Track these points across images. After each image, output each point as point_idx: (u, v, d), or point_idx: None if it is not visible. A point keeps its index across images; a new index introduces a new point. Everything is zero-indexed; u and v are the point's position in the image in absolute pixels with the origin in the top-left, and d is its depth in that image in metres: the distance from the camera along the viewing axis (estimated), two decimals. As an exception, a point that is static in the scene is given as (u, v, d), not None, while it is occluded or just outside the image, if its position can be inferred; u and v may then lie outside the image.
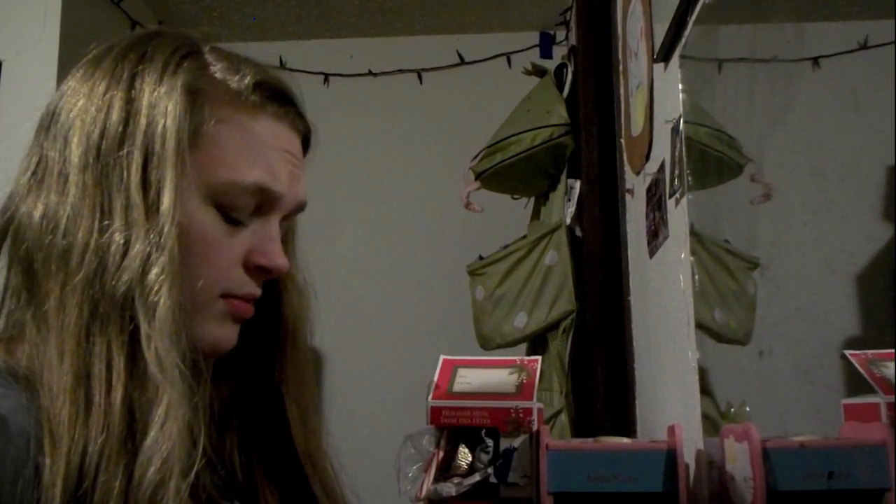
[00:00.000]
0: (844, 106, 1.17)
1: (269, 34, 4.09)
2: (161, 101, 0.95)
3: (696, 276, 1.53)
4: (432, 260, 3.84)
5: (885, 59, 1.03)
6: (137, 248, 0.89)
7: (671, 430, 1.30)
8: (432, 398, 1.51)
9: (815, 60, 1.21)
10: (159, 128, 0.93)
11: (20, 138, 3.01)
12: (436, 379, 1.56)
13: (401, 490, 1.51)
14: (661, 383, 1.89)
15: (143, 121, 0.94)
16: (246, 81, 1.02)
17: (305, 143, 1.13)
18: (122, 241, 0.90)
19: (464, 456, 1.48)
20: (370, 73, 4.08)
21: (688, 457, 1.30)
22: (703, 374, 1.52)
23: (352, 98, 4.04)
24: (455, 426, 1.50)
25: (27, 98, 3.09)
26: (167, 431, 0.85)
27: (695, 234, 1.56)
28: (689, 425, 1.49)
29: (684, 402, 1.63)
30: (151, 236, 0.90)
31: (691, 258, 1.56)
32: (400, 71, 4.08)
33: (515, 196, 3.22)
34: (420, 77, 4.08)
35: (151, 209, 0.91)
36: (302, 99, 1.10)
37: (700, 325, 1.53)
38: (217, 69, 1.02)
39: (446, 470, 1.48)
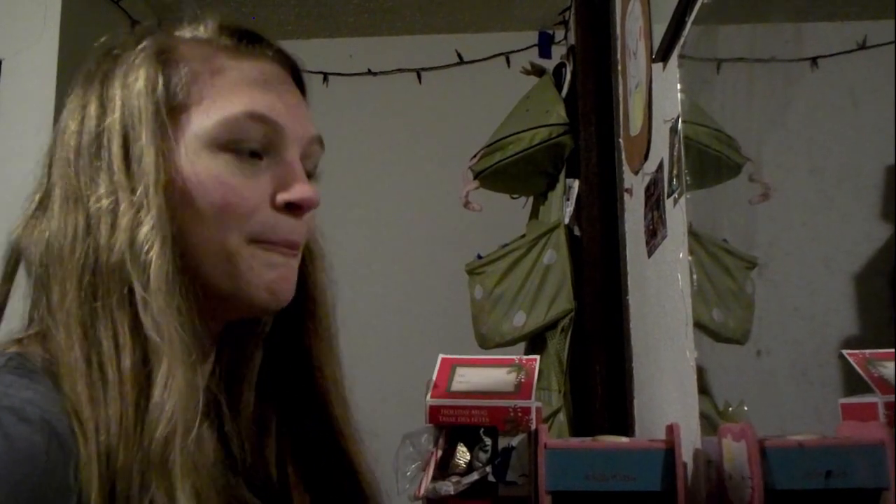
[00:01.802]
0: (843, 106, 1.17)
1: (269, 33, 4.08)
2: (132, 71, 0.96)
3: (695, 276, 1.53)
4: (431, 259, 3.84)
5: (884, 60, 1.03)
6: (123, 209, 0.90)
7: (669, 429, 1.31)
8: (431, 397, 1.51)
9: (814, 60, 1.21)
10: (133, 97, 0.94)
11: (20, 137, 3.02)
12: (434, 378, 1.56)
13: (399, 489, 1.52)
14: (660, 382, 1.89)
15: (117, 101, 0.95)
16: (211, 27, 1.04)
17: (298, 79, 1.12)
18: (109, 211, 0.90)
19: (462, 455, 1.49)
20: (369, 72, 4.08)
21: (686, 456, 1.31)
22: (701, 373, 1.52)
23: (351, 97, 4.04)
24: (454, 425, 1.50)
25: (27, 97, 3.09)
26: (169, 390, 0.86)
27: (693, 234, 1.56)
28: (687, 424, 1.49)
29: (682, 402, 1.63)
30: (135, 197, 0.90)
31: (689, 258, 1.56)
32: (399, 70, 4.07)
33: (514, 195, 3.22)
34: (419, 76, 4.08)
35: (133, 172, 0.92)
36: (273, 36, 1.10)
37: (698, 325, 1.53)
38: (183, 30, 1.04)
39: (445, 469, 1.49)
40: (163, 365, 0.86)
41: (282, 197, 1.00)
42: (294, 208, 1.01)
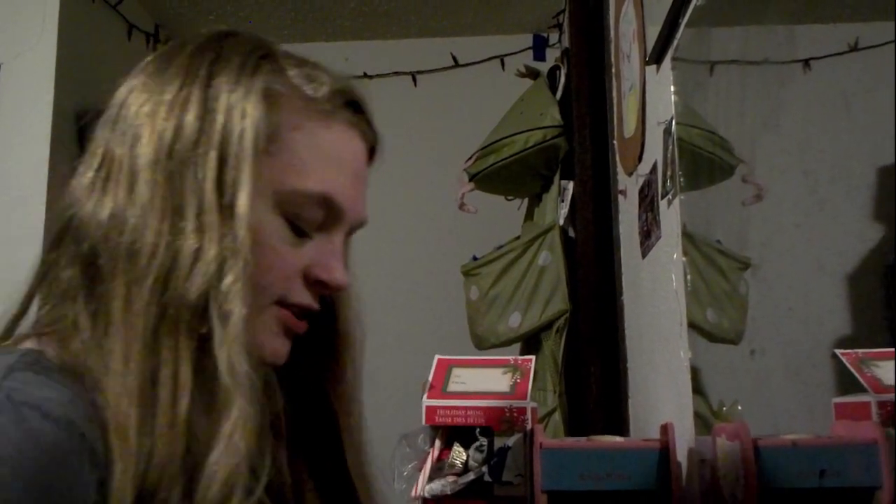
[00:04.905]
0: (835, 107, 1.17)
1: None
2: (239, 103, 0.92)
3: (689, 277, 1.53)
4: (427, 260, 3.84)
5: (876, 61, 1.04)
6: (212, 253, 0.87)
7: (664, 428, 1.31)
8: (427, 398, 1.51)
9: (806, 62, 1.22)
10: (237, 129, 0.91)
11: (18, 140, 3.02)
12: (430, 378, 1.56)
13: (396, 489, 1.52)
14: (654, 382, 1.90)
15: (219, 121, 0.91)
16: (323, 90, 1.00)
17: (370, 154, 1.12)
18: (195, 245, 0.87)
19: (458, 455, 1.49)
20: (365, 75, 4.07)
21: (680, 455, 1.31)
22: (695, 373, 1.52)
23: (346, 100, 4.03)
24: (450, 425, 1.50)
25: (25, 101, 3.09)
26: (234, 445, 0.83)
27: (687, 235, 1.56)
28: (681, 424, 1.49)
29: (677, 401, 1.63)
30: (226, 241, 0.88)
31: (683, 258, 1.57)
32: (395, 73, 4.07)
33: (509, 197, 3.22)
34: (414, 79, 4.08)
35: (226, 213, 0.89)
36: (371, 107, 1.08)
37: (692, 325, 1.53)
38: (293, 74, 0.99)
39: (441, 469, 1.49)
40: (231, 416, 0.84)
41: (317, 275, 0.99)
42: (322, 286, 1.01)
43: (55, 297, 0.92)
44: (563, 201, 2.74)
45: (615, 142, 2.38)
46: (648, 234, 1.89)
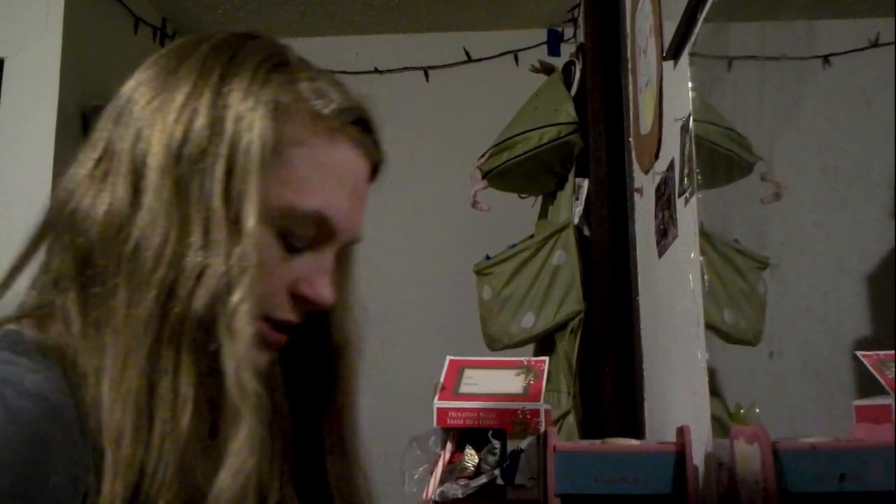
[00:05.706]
0: (855, 104, 1.16)
1: (275, 31, 4.05)
2: (248, 114, 0.90)
3: (706, 276, 1.52)
4: (439, 260, 3.83)
5: (897, 57, 1.02)
6: (221, 269, 0.85)
7: (680, 431, 1.30)
8: (439, 399, 1.51)
9: (826, 58, 1.20)
10: (244, 140, 0.89)
11: (22, 135, 3.01)
12: (442, 380, 1.56)
13: (407, 492, 1.51)
14: (670, 384, 1.89)
15: (228, 130, 0.89)
16: (331, 107, 0.98)
17: (373, 172, 1.10)
18: (202, 259, 0.85)
19: (470, 457, 1.48)
20: (376, 70, 4.07)
21: (697, 459, 1.30)
22: (712, 374, 1.51)
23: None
24: (461, 427, 1.49)
25: (29, 96, 3.10)
26: (243, 464, 0.82)
27: (704, 234, 1.55)
28: (698, 427, 1.48)
29: (693, 404, 1.62)
30: (234, 258, 0.86)
31: (701, 258, 1.55)
32: (406, 68, 4.07)
33: (523, 195, 3.22)
34: (426, 74, 4.07)
35: (232, 227, 0.87)
36: (381, 126, 1.07)
37: (709, 326, 1.52)
38: (304, 87, 0.97)
39: (453, 471, 1.48)
40: (239, 436, 0.82)
41: (303, 290, 0.97)
42: (306, 302, 0.98)
43: (44, 283, 0.91)
44: (577, 199, 2.74)
45: (631, 139, 2.37)
46: (665, 233, 1.87)
